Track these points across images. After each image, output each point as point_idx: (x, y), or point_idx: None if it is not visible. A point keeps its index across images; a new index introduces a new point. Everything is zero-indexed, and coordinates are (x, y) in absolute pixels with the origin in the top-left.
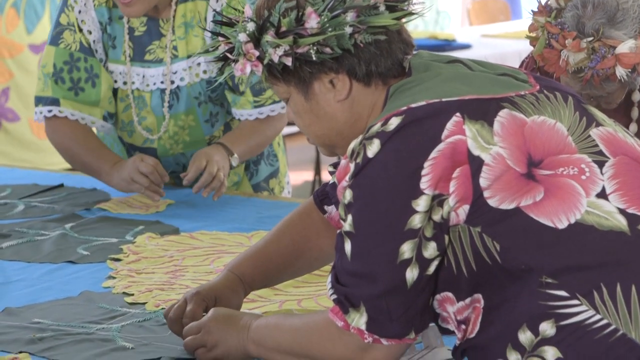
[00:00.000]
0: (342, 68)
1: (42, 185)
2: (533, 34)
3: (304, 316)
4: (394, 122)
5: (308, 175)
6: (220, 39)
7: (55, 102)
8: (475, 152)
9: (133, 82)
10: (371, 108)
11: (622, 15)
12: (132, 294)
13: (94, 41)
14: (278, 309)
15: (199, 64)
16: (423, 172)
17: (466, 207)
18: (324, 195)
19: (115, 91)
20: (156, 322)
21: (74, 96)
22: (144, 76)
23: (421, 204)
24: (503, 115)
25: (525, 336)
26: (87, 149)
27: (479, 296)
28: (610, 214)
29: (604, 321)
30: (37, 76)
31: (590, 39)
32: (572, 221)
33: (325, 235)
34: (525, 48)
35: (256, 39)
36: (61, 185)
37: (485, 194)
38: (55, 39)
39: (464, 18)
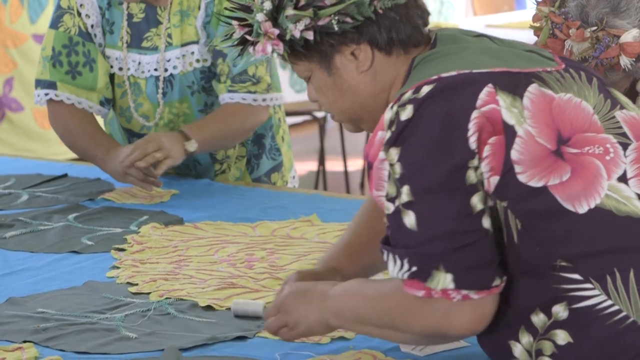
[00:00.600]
0: (363, 38)
1: (46, 175)
2: (537, 24)
3: (381, 285)
4: (426, 90)
5: (312, 166)
6: (235, 23)
7: (52, 85)
8: (510, 121)
9: (128, 69)
10: (393, 79)
11: (625, 5)
12: (136, 284)
13: (92, 26)
14: None
15: (192, 53)
16: (469, 133)
17: (496, 178)
18: None
19: (112, 77)
20: (160, 312)
21: (71, 80)
22: (139, 63)
23: (474, 162)
24: (532, 90)
25: (538, 318)
26: (83, 133)
27: None
28: (628, 199)
29: (615, 307)
30: (38, 59)
31: (594, 28)
32: (592, 206)
33: None
34: (529, 38)
35: (274, 18)
36: (65, 176)
37: (517, 168)
38: (55, 22)
39: (468, 8)
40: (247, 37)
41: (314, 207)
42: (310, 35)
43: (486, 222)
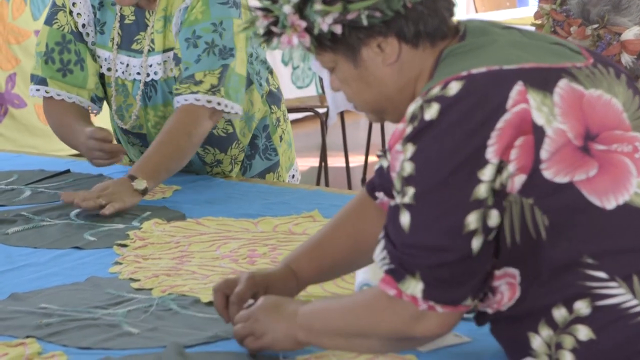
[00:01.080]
0: (391, 31)
1: (48, 171)
2: (538, 22)
3: (352, 295)
4: (454, 87)
5: (314, 162)
6: (259, 13)
7: (42, 81)
8: (539, 121)
9: (116, 70)
10: (419, 72)
11: (627, 2)
12: (139, 280)
13: (83, 25)
14: None
15: (173, 59)
16: (489, 141)
17: (523, 177)
18: (374, 182)
19: (102, 76)
20: (162, 308)
21: (61, 77)
22: (127, 65)
23: (487, 173)
24: (562, 86)
25: (559, 312)
26: (65, 126)
27: (514, 271)
28: None
29: None
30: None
31: (596, 26)
32: (621, 202)
33: (379, 224)
34: None
35: (300, 10)
36: (68, 171)
37: (542, 165)
38: (49, 19)
39: (470, 5)
40: (273, 28)
41: (316, 203)
42: (338, 29)
43: (475, 243)
